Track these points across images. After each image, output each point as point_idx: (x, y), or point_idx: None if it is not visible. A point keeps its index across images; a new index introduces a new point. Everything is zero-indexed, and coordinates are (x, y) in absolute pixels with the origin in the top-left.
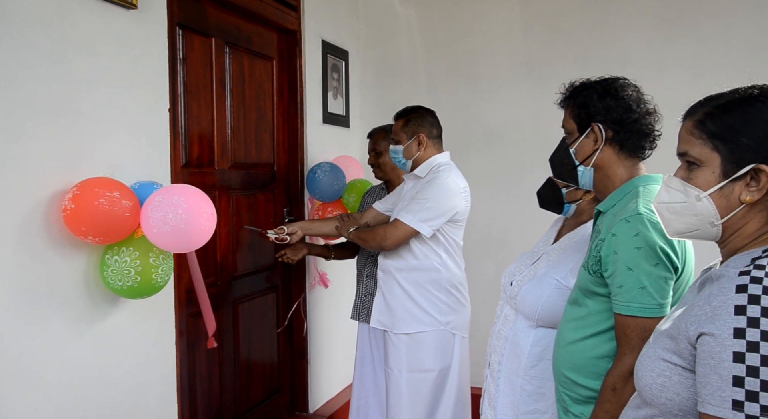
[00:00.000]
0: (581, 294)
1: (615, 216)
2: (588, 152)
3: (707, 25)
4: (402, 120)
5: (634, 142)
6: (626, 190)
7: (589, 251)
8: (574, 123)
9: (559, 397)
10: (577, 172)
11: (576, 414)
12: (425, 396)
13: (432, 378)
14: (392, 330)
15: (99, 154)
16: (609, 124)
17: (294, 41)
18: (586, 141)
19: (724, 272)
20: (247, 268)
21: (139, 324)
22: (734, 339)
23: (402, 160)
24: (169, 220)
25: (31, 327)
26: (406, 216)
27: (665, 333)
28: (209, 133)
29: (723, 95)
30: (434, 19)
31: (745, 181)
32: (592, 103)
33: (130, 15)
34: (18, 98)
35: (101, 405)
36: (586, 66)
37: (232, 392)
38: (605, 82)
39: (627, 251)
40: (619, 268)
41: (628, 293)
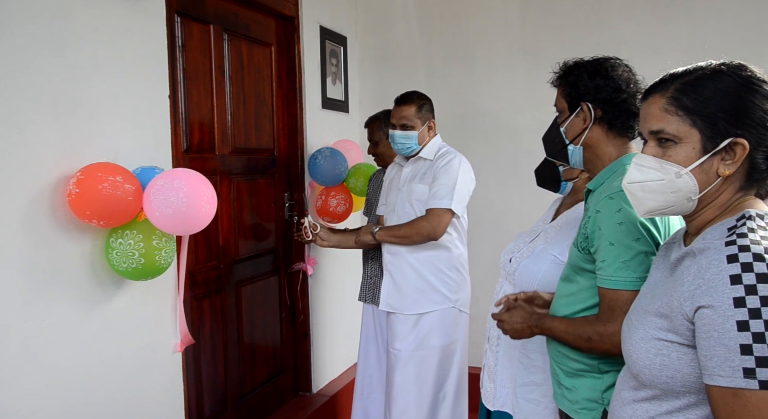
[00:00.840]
0: (572, 270)
1: (601, 194)
2: (578, 131)
3: (701, 8)
4: (414, 106)
5: (622, 122)
6: (614, 168)
7: (579, 229)
8: (565, 102)
9: (553, 371)
10: (568, 150)
11: (568, 387)
12: (432, 373)
13: (437, 354)
14: (402, 312)
15: (101, 140)
16: (598, 104)
17: (292, 27)
18: (575, 120)
19: (708, 244)
20: (248, 252)
21: (144, 306)
22: (735, 308)
23: (414, 146)
24: (170, 203)
25: (38, 308)
26: (444, 202)
27: (652, 312)
28: (209, 119)
29: (691, 71)
30: (431, 4)
31: (721, 155)
32: (582, 82)
33: (129, 4)
34: (20, 87)
35: (108, 385)
36: (582, 49)
37: (237, 373)
38: (596, 61)
39: (609, 227)
40: (602, 244)
41: (609, 267)
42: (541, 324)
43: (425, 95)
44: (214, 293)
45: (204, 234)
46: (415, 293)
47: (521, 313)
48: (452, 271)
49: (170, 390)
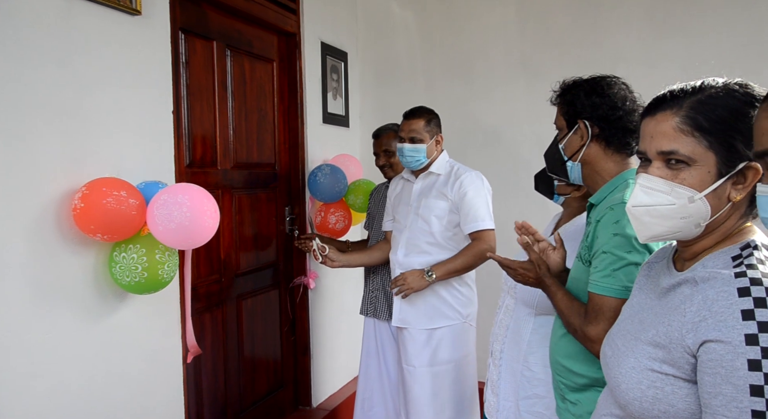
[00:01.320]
0: (575, 284)
1: (603, 206)
2: (575, 148)
3: (697, 23)
4: (423, 119)
5: (619, 139)
6: (616, 183)
7: (581, 242)
8: (563, 120)
9: (556, 385)
10: (567, 167)
11: (573, 401)
12: (448, 388)
13: (452, 369)
14: (416, 327)
15: (106, 154)
16: (595, 121)
17: (294, 43)
18: (573, 137)
19: (713, 273)
20: (250, 266)
21: (146, 319)
22: (747, 345)
23: (423, 159)
24: (174, 218)
25: (43, 320)
26: (487, 223)
27: (645, 341)
28: (212, 133)
29: (701, 88)
30: (431, 20)
31: (733, 179)
32: (579, 100)
33: (134, 21)
34: (28, 102)
35: (110, 397)
36: (579, 64)
37: (237, 386)
38: (593, 80)
39: (605, 236)
40: (597, 251)
41: (599, 273)
42: (544, 282)
43: (433, 110)
44: (215, 306)
45: (206, 248)
46: (429, 309)
47: (529, 266)
48: (463, 287)
49: (171, 403)
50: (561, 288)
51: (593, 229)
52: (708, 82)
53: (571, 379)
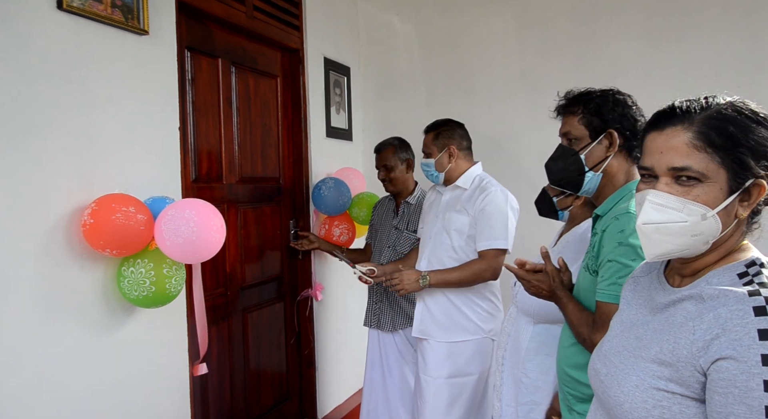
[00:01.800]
0: (584, 295)
1: (609, 216)
2: (600, 158)
3: (693, 34)
4: (432, 133)
5: (641, 150)
6: (622, 193)
7: (587, 253)
8: (585, 129)
9: (564, 396)
10: (584, 178)
11: (580, 413)
12: (465, 401)
13: (471, 384)
14: (435, 339)
15: (114, 171)
16: (621, 132)
17: (297, 59)
18: (598, 147)
19: (721, 291)
20: (255, 279)
21: (153, 333)
22: (763, 366)
23: (434, 172)
24: (181, 233)
25: (53, 334)
26: (500, 242)
27: (649, 358)
28: (217, 149)
29: (708, 104)
30: (432, 34)
31: (741, 195)
32: (607, 110)
33: (142, 41)
34: (39, 121)
35: (118, 410)
36: (579, 75)
37: (243, 399)
38: (613, 91)
39: (611, 245)
40: (603, 260)
41: (605, 281)
42: (557, 294)
43: (449, 122)
44: (221, 320)
45: (212, 261)
46: (448, 321)
47: (543, 278)
48: (483, 301)
49: (178, 416)
50: (572, 300)
51: (599, 239)
52: (714, 98)
53: (579, 390)
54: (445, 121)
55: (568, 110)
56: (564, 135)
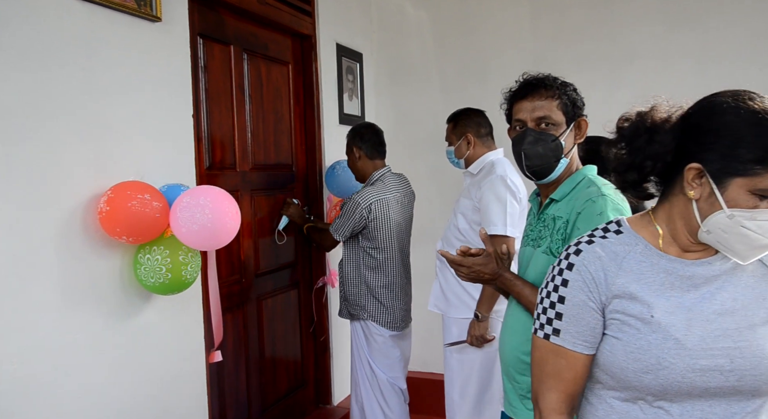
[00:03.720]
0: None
1: (573, 200)
2: (570, 145)
3: (712, 17)
4: (451, 123)
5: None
6: (577, 178)
7: (549, 237)
8: (563, 116)
9: (510, 386)
10: (558, 164)
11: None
12: (476, 377)
13: (479, 359)
14: (447, 315)
15: (129, 159)
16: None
17: (309, 45)
18: (570, 134)
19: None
20: (269, 266)
21: (169, 320)
22: None
23: (455, 159)
24: (196, 220)
25: (71, 321)
26: (497, 228)
27: (764, 320)
28: (230, 136)
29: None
30: (445, 20)
31: None
32: (579, 98)
33: (154, 27)
34: (55, 109)
35: (135, 396)
36: (594, 60)
37: (258, 385)
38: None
39: (589, 227)
40: None
41: None
42: (503, 276)
43: (468, 110)
44: (236, 307)
45: (226, 249)
46: (456, 299)
47: (484, 261)
48: None
49: (195, 401)
50: (527, 282)
51: (573, 221)
52: None
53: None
54: (464, 110)
55: (543, 93)
56: (540, 118)
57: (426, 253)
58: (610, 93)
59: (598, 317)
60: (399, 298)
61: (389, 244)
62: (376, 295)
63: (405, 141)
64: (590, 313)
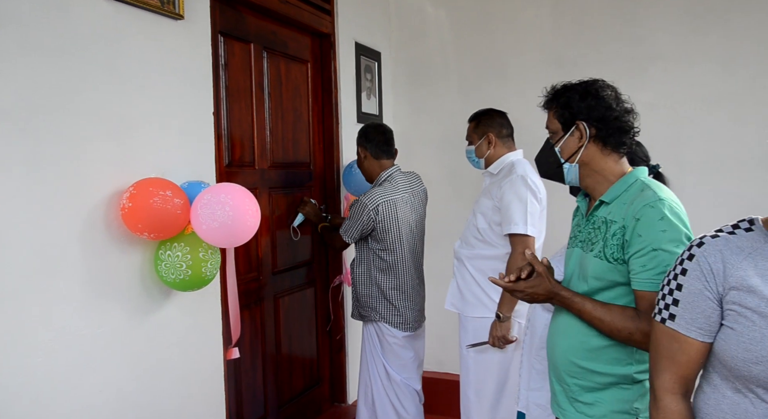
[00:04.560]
0: (599, 284)
1: (629, 204)
2: (573, 149)
3: (738, 19)
4: (473, 123)
5: (616, 139)
6: (628, 180)
7: (603, 241)
8: (558, 123)
9: (563, 388)
10: (563, 169)
11: (588, 402)
12: (492, 377)
13: (496, 359)
14: (463, 313)
15: (151, 156)
16: (592, 122)
17: (328, 44)
18: (570, 139)
19: None
20: (286, 264)
21: (188, 316)
22: None
23: (475, 159)
24: (217, 217)
25: (94, 316)
26: (518, 227)
27: None
28: (249, 134)
29: None
30: (464, 19)
31: None
32: (574, 102)
33: (177, 25)
34: (80, 107)
35: (155, 391)
36: (616, 61)
37: (275, 382)
38: (585, 83)
39: (653, 233)
40: (643, 249)
41: (652, 270)
42: (560, 293)
43: (490, 111)
44: (253, 304)
45: (244, 246)
46: (473, 298)
47: (536, 282)
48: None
49: (212, 398)
50: (587, 298)
51: (632, 227)
52: None
53: (590, 379)
54: (486, 110)
55: (546, 105)
56: (547, 129)
57: (443, 253)
58: (632, 94)
59: (715, 307)
60: (411, 299)
61: (399, 246)
62: (387, 297)
63: (422, 140)
64: (706, 302)
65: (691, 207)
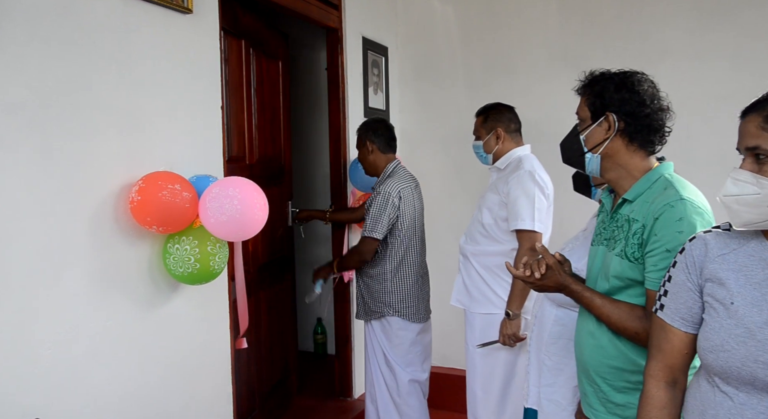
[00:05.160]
0: (619, 282)
1: (651, 203)
2: (598, 140)
3: (747, 15)
4: (481, 117)
5: (643, 136)
6: (652, 178)
7: (624, 240)
8: (588, 111)
9: (595, 389)
10: (585, 158)
11: (621, 404)
12: (499, 373)
13: (503, 355)
14: (469, 310)
15: (159, 149)
16: (622, 116)
17: (336, 39)
18: (597, 129)
19: None
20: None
21: (196, 309)
22: None
23: (483, 154)
24: (225, 211)
25: (103, 309)
26: (525, 223)
27: None
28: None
29: None
30: (472, 15)
31: None
32: (608, 93)
33: (186, 19)
34: (91, 101)
35: (163, 384)
36: (624, 58)
37: (281, 376)
38: (624, 74)
39: (669, 234)
40: (657, 248)
41: (663, 271)
42: (570, 286)
43: (498, 105)
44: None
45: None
46: (479, 295)
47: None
48: (510, 277)
49: (220, 390)
50: (597, 293)
51: (650, 227)
52: None
53: (623, 379)
54: (495, 105)
55: (581, 90)
56: (576, 115)
57: (449, 248)
58: None
59: (696, 298)
60: (422, 289)
61: (412, 235)
62: (400, 289)
63: (429, 136)
64: (688, 293)
65: None
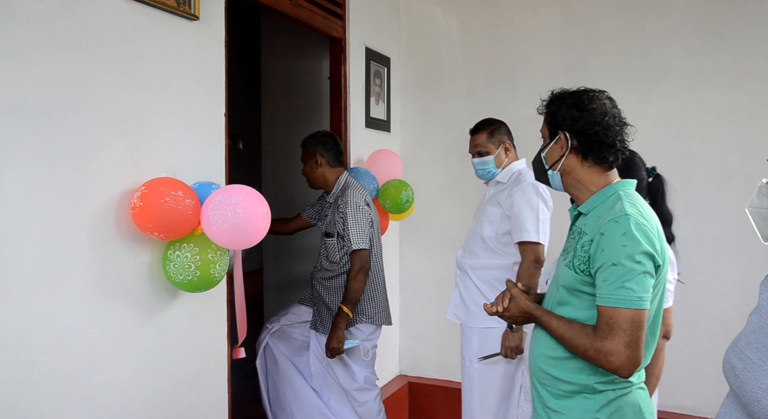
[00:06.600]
0: (566, 292)
1: (600, 218)
2: (556, 157)
3: (749, 33)
4: (485, 132)
5: (596, 153)
6: (607, 194)
7: (573, 251)
8: (547, 130)
9: (536, 394)
10: (548, 175)
11: (556, 409)
12: (496, 387)
13: (501, 368)
14: (467, 324)
15: (162, 155)
16: (573, 134)
17: (339, 48)
18: (555, 147)
19: None
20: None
21: (195, 317)
22: None
23: (493, 169)
24: (228, 219)
25: (102, 315)
26: (530, 235)
27: None
28: None
29: None
30: (474, 27)
31: None
32: (560, 112)
33: (192, 26)
34: (95, 106)
35: (160, 391)
36: (625, 73)
37: None
38: (576, 93)
39: (613, 248)
40: (605, 264)
41: (610, 286)
42: (533, 313)
43: (498, 120)
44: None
45: None
46: (478, 309)
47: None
48: None
49: (216, 398)
50: (553, 316)
51: (596, 242)
52: None
53: (557, 387)
54: (492, 120)
55: (541, 111)
56: (541, 134)
57: (448, 260)
58: (641, 107)
59: None
60: (385, 292)
61: (376, 241)
62: (370, 295)
63: (429, 146)
64: None
65: (699, 220)
